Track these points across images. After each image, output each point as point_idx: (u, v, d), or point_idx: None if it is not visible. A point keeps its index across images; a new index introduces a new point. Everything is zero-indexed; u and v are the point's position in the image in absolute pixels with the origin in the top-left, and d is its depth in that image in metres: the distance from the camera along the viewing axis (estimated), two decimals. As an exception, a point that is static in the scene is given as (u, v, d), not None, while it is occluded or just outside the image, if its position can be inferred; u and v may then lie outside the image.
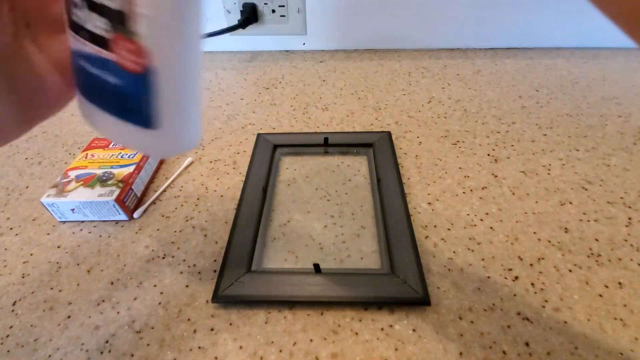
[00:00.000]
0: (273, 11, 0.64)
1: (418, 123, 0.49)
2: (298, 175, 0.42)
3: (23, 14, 0.19)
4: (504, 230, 0.35)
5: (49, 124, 0.53)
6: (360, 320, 0.28)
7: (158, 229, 0.36)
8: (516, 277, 0.31)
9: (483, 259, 0.32)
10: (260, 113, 0.53)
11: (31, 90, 0.20)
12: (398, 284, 0.29)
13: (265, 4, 0.63)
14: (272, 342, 0.27)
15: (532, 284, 0.30)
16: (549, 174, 0.41)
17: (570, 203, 0.37)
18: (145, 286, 0.32)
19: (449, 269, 0.32)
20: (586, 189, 0.39)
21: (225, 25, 0.64)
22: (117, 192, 0.36)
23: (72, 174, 0.38)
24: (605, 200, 0.37)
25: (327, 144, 0.44)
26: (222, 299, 0.29)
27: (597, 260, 0.32)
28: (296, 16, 0.65)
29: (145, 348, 0.27)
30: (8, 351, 0.28)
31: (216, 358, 0.27)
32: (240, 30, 0.64)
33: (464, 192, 0.39)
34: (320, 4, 0.63)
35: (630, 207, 0.36)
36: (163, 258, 0.34)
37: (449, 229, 0.35)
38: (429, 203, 0.38)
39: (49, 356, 0.27)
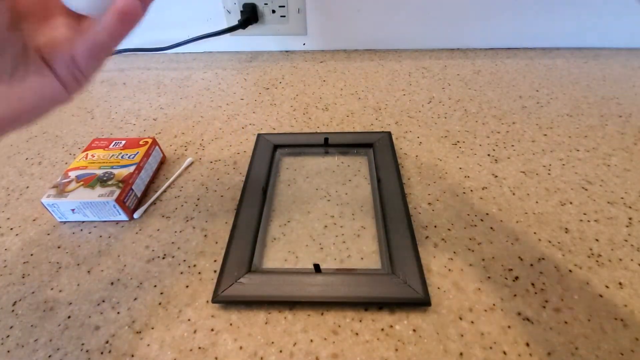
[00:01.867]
0: (273, 11, 0.64)
1: (418, 123, 0.49)
2: (298, 175, 0.42)
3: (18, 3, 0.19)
4: (504, 231, 0.35)
5: (49, 124, 0.53)
6: (360, 321, 0.28)
7: (158, 229, 0.36)
8: (516, 278, 0.31)
9: (483, 259, 0.32)
10: (261, 113, 0.53)
11: (19, 81, 0.19)
12: (398, 284, 0.29)
13: (266, 4, 0.63)
14: (272, 342, 0.27)
15: (533, 284, 0.30)
16: (549, 174, 0.41)
17: (571, 203, 0.37)
18: (145, 286, 0.32)
19: (449, 269, 0.32)
20: (586, 189, 0.39)
21: (225, 26, 0.64)
22: (117, 192, 0.36)
23: (73, 174, 0.38)
24: (605, 200, 0.37)
25: (327, 144, 0.44)
26: (222, 299, 0.29)
27: (597, 261, 0.32)
28: (296, 16, 0.65)
29: (145, 348, 0.27)
30: (8, 351, 0.28)
31: (216, 358, 0.27)
32: (240, 31, 0.64)
33: (464, 193, 0.39)
34: (320, 4, 0.63)
35: (630, 207, 0.36)
36: (163, 258, 0.34)
37: (449, 229, 0.35)
38: (429, 203, 0.38)
39: (49, 356, 0.27)
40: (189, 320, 0.29)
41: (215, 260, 0.33)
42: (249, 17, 0.63)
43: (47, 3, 0.20)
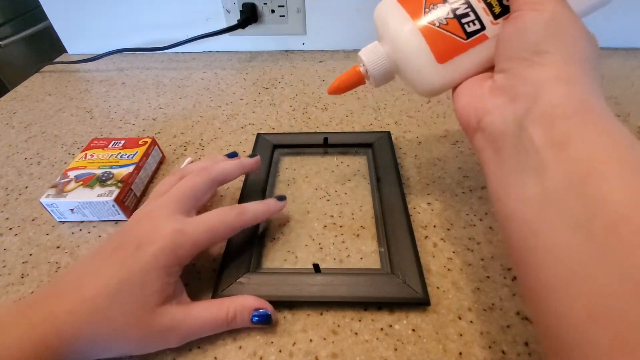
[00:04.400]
0: (272, 11, 0.64)
1: (417, 123, 0.49)
2: (298, 175, 0.42)
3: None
4: (504, 230, 0.35)
5: (48, 124, 0.53)
6: (359, 320, 0.28)
7: (157, 229, 0.36)
8: (515, 277, 0.31)
9: (482, 259, 0.32)
10: (260, 113, 0.53)
11: None
12: (398, 284, 0.29)
13: (265, 3, 0.63)
14: (272, 342, 0.27)
15: (532, 284, 0.30)
16: (548, 173, 0.41)
17: (570, 203, 0.37)
18: (144, 286, 0.31)
19: (449, 269, 0.32)
20: (585, 189, 0.39)
21: (224, 25, 0.64)
22: (116, 192, 0.36)
23: (72, 174, 0.38)
24: (604, 200, 0.37)
25: (326, 144, 0.44)
26: (222, 299, 0.29)
27: (596, 260, 0.32)
28: (296, 16, 0.65)
29: (144, 348, 0.27)
30: (7, 351, 0.28)
31: (215, 358, 0.27)
32: (239, 30, 0.64)
33: (463, 192, 0.39)
34: (320, 4, 0.63)
35: (629, 207, 0.36)
36: (162, 258, 0.34)
37: (448, 229, 0.35)
38: (428, 203, 0.38)
39: (49, 356, 0.27)
40: (188, 320, 0.29)
41: (214, 260, 0.33)
42: (249, 16, 0.63)
43: None
